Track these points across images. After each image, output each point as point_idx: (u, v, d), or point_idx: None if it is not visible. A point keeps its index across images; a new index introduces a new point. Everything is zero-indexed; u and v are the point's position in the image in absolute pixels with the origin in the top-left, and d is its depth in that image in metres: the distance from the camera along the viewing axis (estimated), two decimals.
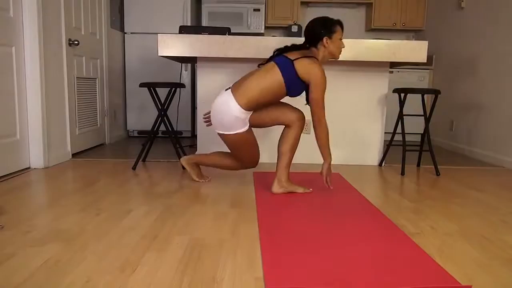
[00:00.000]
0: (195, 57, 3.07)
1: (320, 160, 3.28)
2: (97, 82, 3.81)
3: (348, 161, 3.29)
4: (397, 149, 4.16)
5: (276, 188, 2.27)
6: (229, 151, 2.38)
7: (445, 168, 3.24)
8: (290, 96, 2.20)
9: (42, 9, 2.78)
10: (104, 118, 4.01)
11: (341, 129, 3.26)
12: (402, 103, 3.00)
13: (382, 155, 3.30)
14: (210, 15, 4.75)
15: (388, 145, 3.19)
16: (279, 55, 2.21)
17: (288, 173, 2.27)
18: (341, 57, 2.88)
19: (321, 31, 2.17)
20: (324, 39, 2.17)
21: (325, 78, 2.13)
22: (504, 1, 3.47)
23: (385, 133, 4.69)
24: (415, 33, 5.29)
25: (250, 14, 4.77)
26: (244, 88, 2.11)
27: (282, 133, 2.29)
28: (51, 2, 2.92)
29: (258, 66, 2.26)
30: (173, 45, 2.81)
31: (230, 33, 3.06)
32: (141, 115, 4.61)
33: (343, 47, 2.26)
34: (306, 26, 2.24)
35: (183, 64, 4.55)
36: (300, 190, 2.30)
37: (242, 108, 2.10)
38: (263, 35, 4.90)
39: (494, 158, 3.51)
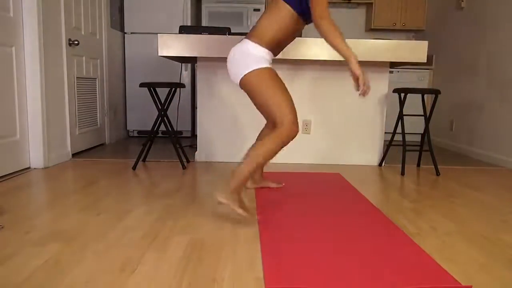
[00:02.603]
0: (195, 57, 3.07)
1: (320, 160, 3.28)
2: (97, 82, 3.81)
3: (348, 161, 3.29)
4: (397, 149, 4.16)
5: (219, 195, 1.76)
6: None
7: (445, 168, 3.23)
8: (307, 23, 1.91)
9: (42, 9, 2.78)
10: (104, 118, 4.01)
11: (341, 129, 3.26)
12: (402, 103, 3.00)
13: (382, 155, 3.30)
14: (210, 15, 4.75)
15: (388, 145, 3.19)
16: None
17: (241, 185, 1.76)
18: (341, 57, 2.88)
19: None
20: None
21: None
22: (504, 1, 3.47)
23: (385, 133, 4.69)
24: (415, 33, 5.29)
25: (250, 14, 4.77)
26: (257, 30, 1.85)
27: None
28: (51, 2, 2.92)
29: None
30: (173, 45, 2.81)
31: (230, 33, 3.06)
32: (141, 115, 4.60)
33: None
34: None
35: (183, 64, 4.55)
36: (239, 211, 1.74)
37: (261, 46, 1.83)
38: None
39: (494, 158, 3.51)
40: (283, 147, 1.78)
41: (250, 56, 1.81)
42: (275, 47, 1.87)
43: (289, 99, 1.81)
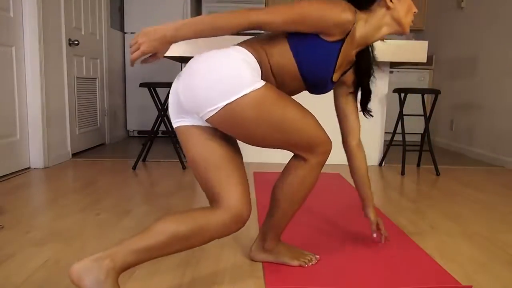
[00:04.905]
0: None
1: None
2: (97, 82, 3.81)
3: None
4: (397, 149, 4.16)
5: (257, 254, 1.40)
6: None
7: (445, 168, 3.23)
8: (311, 91, 1.28)
9: (42, 9, 2.78)
10: (104, 118, 4.01)
11: None
12: (402, 103, 3.00)
13: (382, 155, 3.30)
14: None
15: (388, 145, 3.19)
16: None
17: (280, 234, 1.35)
18: None
19: None
20: None
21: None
22: (504, 1, 3.46)
23: (385, 133, 4.69)
24: (415, 33, 5.29)
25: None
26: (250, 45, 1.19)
27: (287, 165, 1.26)
28: (51, 2, 2.92)
29: None
30: (173, 45, 2.81)
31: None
32: (141, 115, 4.60)
33: (415, 12, 1.29)
34: None
35: (183, 64, 4.55)
36: (294, 263, 1.36)
37: (254, 56, 1.15)
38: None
39: (494, 158, 3.51)
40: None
41: (236, 68, 1.07)
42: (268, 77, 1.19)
43: (310, 115, 1.16)
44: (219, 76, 1.05)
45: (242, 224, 1.11)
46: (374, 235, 1.53)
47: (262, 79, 1.16)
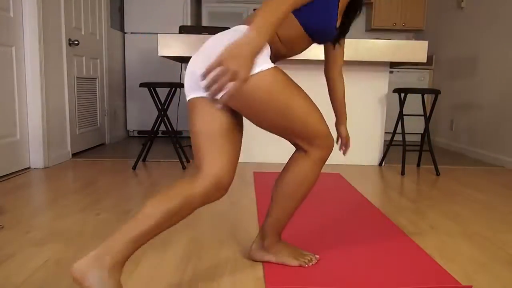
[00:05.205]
0: None
1: None
2: (97, 82, 3.81)
3: (348, 161, 3.29)
4: (397, 149, 4.16)
5: (256, 253, 1.40)
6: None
7: (445, 168, 3.23)
8: (317, 42, 1.27)
9: (42, 9, 2.78)
10: (104, 118, 4.01)
11: None
12: (402, 103, 3.00)
13: (382, 155, 3.30)
14: (210, 15, 4.75)
15: (388, 145, 3.19)
16: None
17: (280, 232, 1.36)
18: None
19: None
20: None
21: None
22: (504, 1, 3.47)
23: (385, 133, 4.69)
24: (415, 33, 5.29)
25: (250, 14, 4.77)
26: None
27: (289, 161, 1.29)
28: (51, 2, 2.92)
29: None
30: (173, 45, 2.81)
31: None
32: (141, 115, 4.60)
33: None
34: None
35: (183, 64, 4.55)
36: (294, 262, 1.37)
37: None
38: None
39: (494, 158, 3.51)
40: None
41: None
42: (274, 54, 1.25)
43: (316, 108, 1.19)
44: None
45: (224, 190, 1.13)
46: (342, 148, 1.56)
47: (272, 52, 1.22)
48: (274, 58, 1.27)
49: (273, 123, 1.13)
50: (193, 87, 1.15)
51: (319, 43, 1.28)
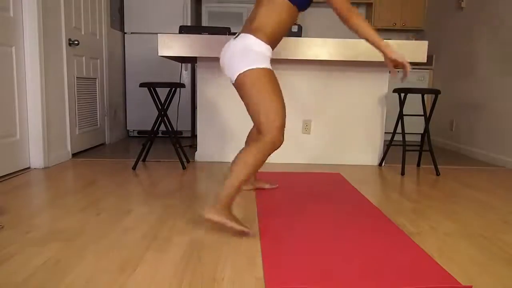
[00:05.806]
0: (195, 57, 3.07)
1: (320, 160, 3.28)
2: (97, 82, 3.81)
3: (348, 161, 3.29)
4: (397, 149, 4.16)
5: (208, 212, 1.65)
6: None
7: (445, 168, 3.24)
8: (300, 10, 1.77)
9: (42, 9, 2.78)
10: (104, 118, 4.01)
11: (341, 129, 3.26)
12: (402, 103, 3.00)
13: (382, 155, 3.30)
14: (210, 15, 4.75)
15: (388, 145, 3.19)
16: None
17: (232, 199, 1.66)
18: (341, 57, 2.88)
19: None
20: None
21: None
22: (503, 1, 3.47)
23: (385, 133, 4.69)
24: (415, 33, 5.29)
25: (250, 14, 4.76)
26: (257, 23, 1.71)
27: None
28: (51, 2, 2.92)
29: None
30: (173, 45, 2.81)
31: (230, 33, 3.06)
32: (141, 115, 4.60)
33: None
34: None
35: (183, 64, 4.55)
36: (236, 226, 1.64)
37: (264, 42, 1.70)
38: None
39: (495, 158, 3.51)
40: (268, 155, 1.67)
41: (252, 53, 1.66)
42: (274, 40, 1.75)
43: (281, 107, 1.66)
44: (243, 59, 1.67)
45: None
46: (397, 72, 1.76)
47: (273, 45, 1.76)
48: (275, 43, 1.77)
49: (248, 107, 1.70)
50: (240, 65, 1.71)
51: (303, 8, 1.76)
